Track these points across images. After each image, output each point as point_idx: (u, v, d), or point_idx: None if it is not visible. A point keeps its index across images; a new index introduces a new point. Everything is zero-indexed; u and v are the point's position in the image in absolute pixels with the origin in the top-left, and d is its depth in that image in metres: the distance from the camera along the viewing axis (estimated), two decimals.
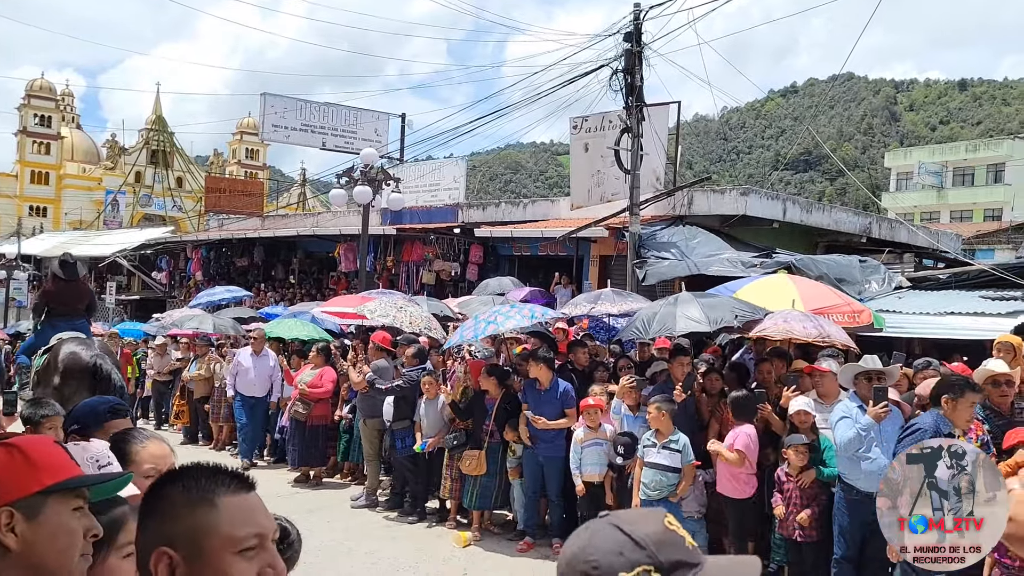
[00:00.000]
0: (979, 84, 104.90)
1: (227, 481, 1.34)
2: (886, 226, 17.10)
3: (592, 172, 14.35)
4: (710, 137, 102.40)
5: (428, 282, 16.88)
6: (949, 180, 47.77)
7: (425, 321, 8.54)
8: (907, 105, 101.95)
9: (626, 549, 1.13)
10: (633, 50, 11.99)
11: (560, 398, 7.25)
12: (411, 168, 21.20)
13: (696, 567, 1.14)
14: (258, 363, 10.64)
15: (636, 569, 1.11)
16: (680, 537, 1.17)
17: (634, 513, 1.20)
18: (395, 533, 7.72)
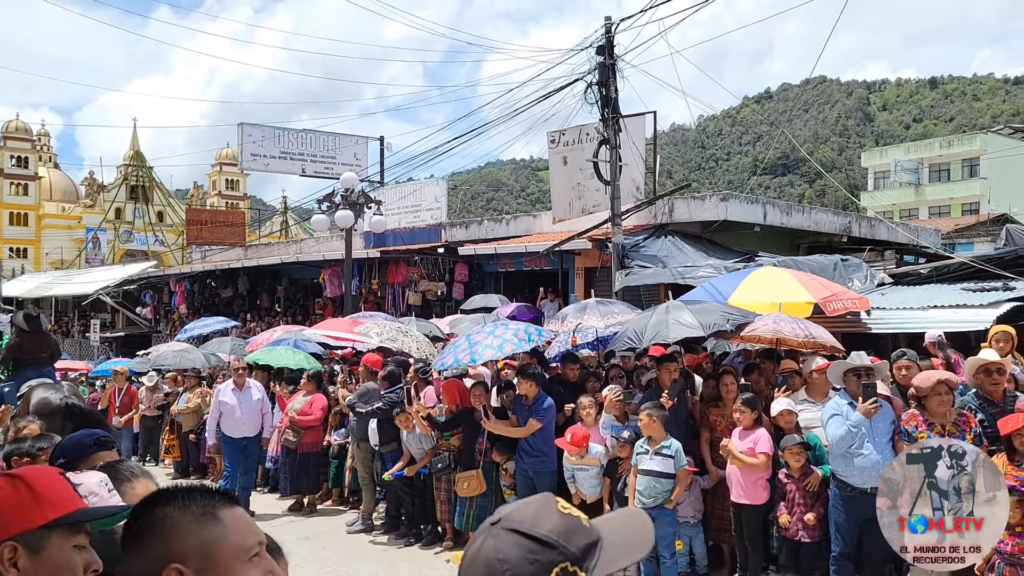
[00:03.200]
0: (949, 81, 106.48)
1: (219, 497, 1.39)
2: (866, 225, 17.29)
3: (572, 185, 14.43)
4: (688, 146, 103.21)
5: (414, 303, 16.88)
6: (925, 176, 48.36)
7: (427, 347, 8.52)
8: (880, 105, 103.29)
9: (536, 553, 1.10)
10: (606, 63, 12.11)
11: (539, 411, 7.20)
12: (392, 190, 21.23)
13: (599, 542, 1.14)
14: (243, 399, 9.41)
15: (554, 570, 1.09)
16: (576, 518, 1.16)
17: (526, 510, 1.16)
18: (392, 557, 7.65)
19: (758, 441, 6.17)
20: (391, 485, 8.28)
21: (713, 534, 6.73)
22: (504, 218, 18.08)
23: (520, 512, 1.14)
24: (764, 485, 6.15)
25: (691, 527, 6.57)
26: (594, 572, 1.11)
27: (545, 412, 7.19)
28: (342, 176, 14.98)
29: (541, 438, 7.16)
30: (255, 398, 9.51)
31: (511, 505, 1.19)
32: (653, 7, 11.19)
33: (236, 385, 9.48)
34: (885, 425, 5.58)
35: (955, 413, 5.21)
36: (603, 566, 1.12)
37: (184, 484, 1.43)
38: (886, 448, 5.50)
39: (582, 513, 1.19)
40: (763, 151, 73.80)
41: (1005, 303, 8.50)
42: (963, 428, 5.09)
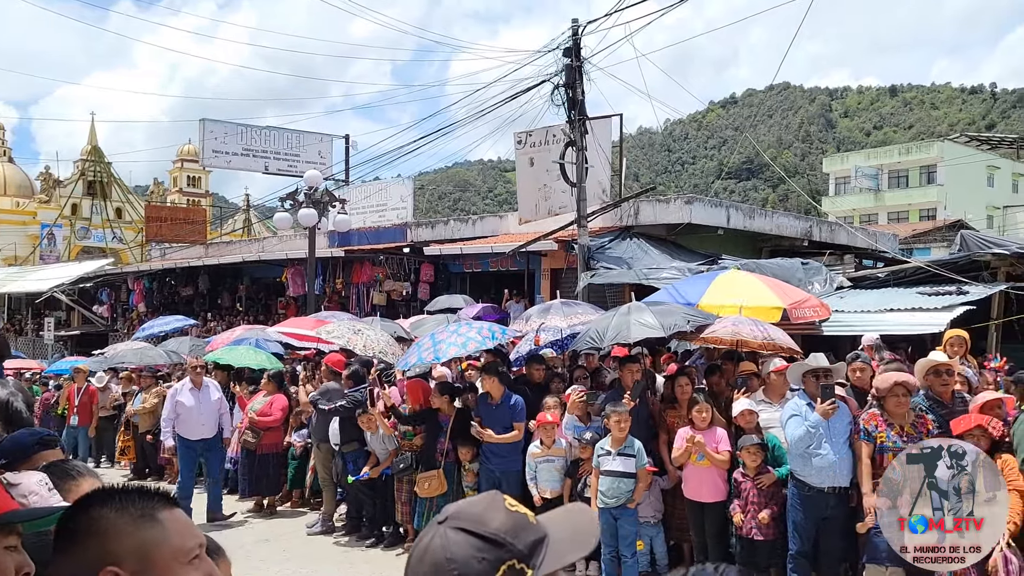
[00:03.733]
0: (909, 90, 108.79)
1: (158, 498, 1.37)
2: (826, 229, 17.56)
3: (539, 186, 14.44)
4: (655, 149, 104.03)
5: (379, 303, 16.75)
6: (885, 183, 49.36)
7: (382, 344, 8.43)
8: (842, 112, 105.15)
9: (484, 551, 1.10)
10: (573, 64, 12.14)
11: (509, 412, 7.23)
12: (357, 189, 21.07)
13: (546, 538, 1.14)
14: (201, 399, 9.02)
15: (502, 568, 1.09)
16: (523, 516, 1.16)
17: (473, 508, 1.16)
18: (353, 558, 7.58)
19: (720, 440, 6.23)
20: (352, 486, 8.20)
21: (673, 533, 6.79)
22: (470, 218, 18.04)
23: (467, 510, 1.14)
24: (722, 484, 6.22)
25: (652, 527, 6.62)
26: (541, 568, 1.12)
27: (521, 413, 7.21)
28: (306, 174, 14.81)
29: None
30: (213, 398, 9.16)
31: (458, 503, 1.19)
32: (619, 11, 11.25)
33: (193, 384, 9.08)
34: (842, 426, 5.66)
35: (913, 415, 5.28)
36: (550, 562, 1.13)
37: (122, 485, 1.39)
38: (843, 448, 5.59)
39: (528, 510, 1.19)
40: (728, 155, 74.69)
41: (959, 307, 8.71)
42: (920, 430, 5.17)
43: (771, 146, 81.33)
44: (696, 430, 6.29)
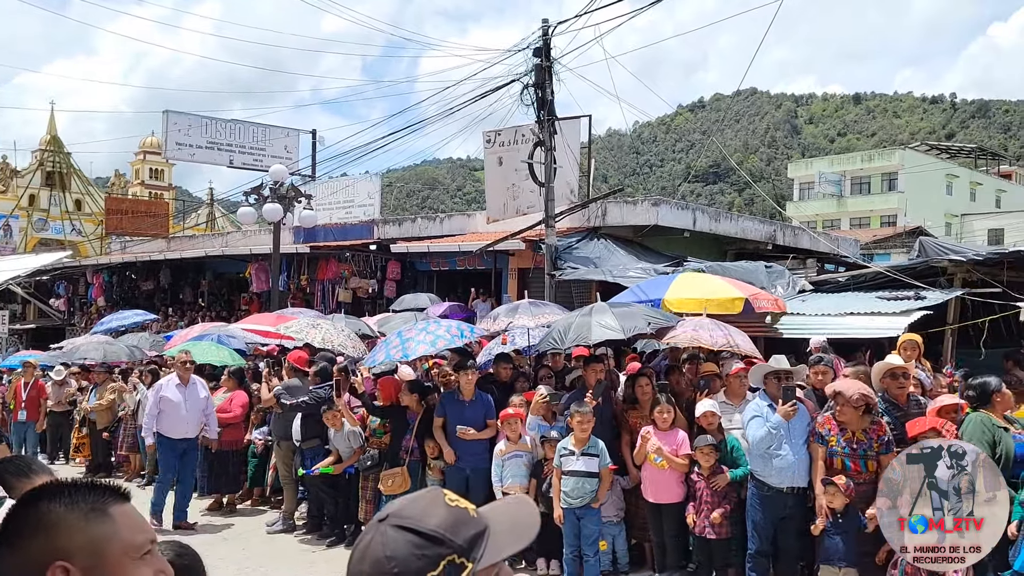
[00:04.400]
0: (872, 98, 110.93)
1: (108, 493, 1.35)
2: (790, 233, 17.80)
3: (507, 185, 14.43)
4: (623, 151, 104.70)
5: (345, 300, 16.61)
6: (848, 189, 50.26)
7: (341, 338, 8.35)
8: (807, 118, 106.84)
9: (423, 548, 1.11)
10: (543, 65, 12.15)
11: (483, 409, 7.24)
12: (324, 185, 20.87)
13: (486, 531, 1.16)
14: (189, 396, 8.57)
15: (441, 564, 1.11)
16: (464, 510, 1.17)
17: (414, 505, 1.17)
18: (313, 558, 7.50)
19: (682, 443, 6.28)
20: (314, 484, 8.13)
21: (635, 532, 6.84)
22: (438, 217, 17.97)
23: (408, 508, 1.15)
24: (680, 485, 6.27)
25: (613, 526, 6.65)
26: (481, 562, 1.13)
27: (492, 411, 7.23)
28: (271, 168, 14.64)
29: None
30: (201, 395, 8.70)
31: (399, 500, 1.20)
32: (589, 12, 11.28)
33: (181, 380, 8.62)
34: (802, 427, 5.75)
35: (868, 421, 5.34)
36: (489, 554, 1.14)
37: (71, 479, 1.37)
38: (801, 449, 5.68)
39: (470, 504, 1.20)
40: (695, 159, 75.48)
41: (916, 311, 8.89)
42: (871, 436, 5.26)
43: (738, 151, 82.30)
44: (658, 431, 6.34)
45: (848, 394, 5.31)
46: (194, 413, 8.58)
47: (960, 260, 10.36)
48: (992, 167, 54.75)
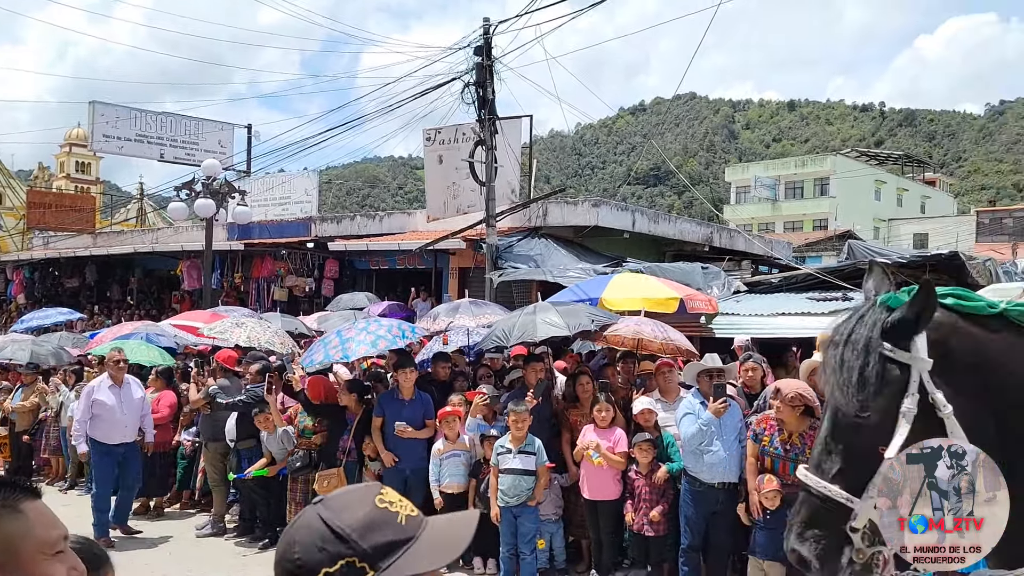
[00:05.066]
0: (806, 105, 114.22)
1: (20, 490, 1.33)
2: (726, 235, 18.18)
3: (447, 184, 14.36)
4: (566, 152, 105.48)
5: (280, 299, 16.29)
6: (782, 193, 51.65)
7: (267, 336, 8.16)
8: (744, 124, 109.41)
9: (327, 542, 1.10)
10: (484, 63, 12.12)
11: (423, 408, 7.20)
12: (259, 181, 20.42)
13: (409, 541, 1.13)
14: (124, 398, 7.92)
15: (339, 563, 1.09)
16: (392, 513, 1.14)
17: (344, 497, 1.16)
18: (246, 561, 7.32)
19: (618, 441, 6.33)
20: (245, 486, 7.94)
21: (573, 530, 6.87)
22: (378, 215, 17.78)
23: (335, 499, 1.15)
24: (616, 482, 6.32)
25: (552, 524, 6.68)
26: (387, 571, 1.10)
27: (432, 410, 7.21)
28: (204, 163, 14.25)
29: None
30: (136, 396, 8.09)
31: (337, 490, 1.20)
32: (529, 12, 11.30)
33: (114, 381, 7.97)
34: (733, 423, 5.85)
35: (807, 424, 5.34)
36: (402, 566, 1.11)
37: None
38: (733, 445, 5.78)
39: (412, 510, 1.16)
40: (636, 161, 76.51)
41: (844, 312, 9.15)
42: (806, 441, 5.22)
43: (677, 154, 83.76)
44: (597, 429, 6.38)
45: (784, 392, 5.38)
46: (131, 416, 7.96)
47: (885, 262, 10.70)
48: (918, 174, 57.01)
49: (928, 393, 2.02)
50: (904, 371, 2.04)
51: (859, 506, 2.06)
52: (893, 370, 2.05)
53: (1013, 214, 43.60)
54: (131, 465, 8.00)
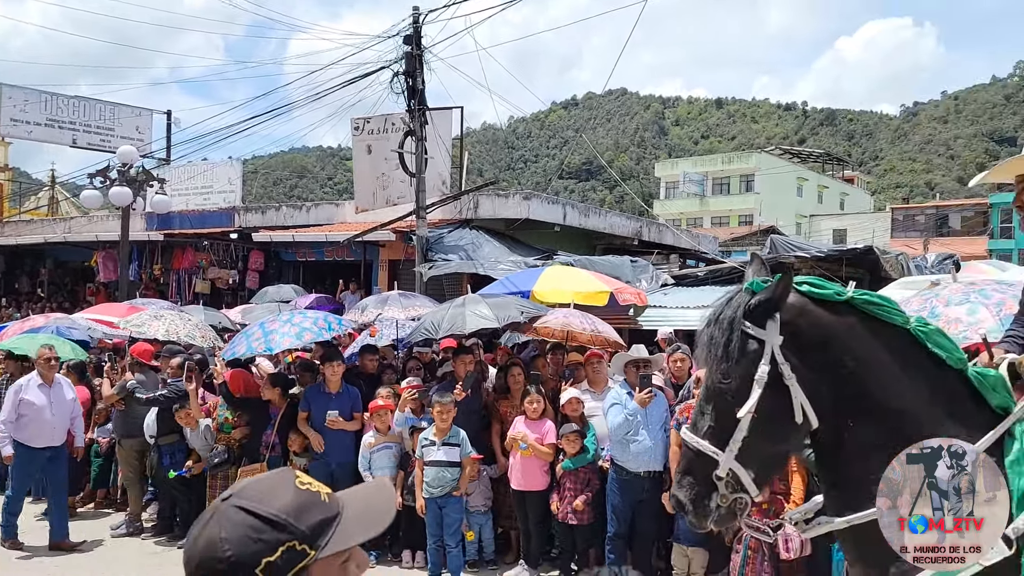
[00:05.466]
0: (733, 103, 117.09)
1: None
2: (655, 230, 18.48)
3: (377, 175, 14.17)
4: (498, 145, 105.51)
5: (202, 291, 15.81)
6: (710, 189, 52.90)
7: (187, 329, 7.89)
8: (673, 120, 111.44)
9: (262, 532, 1.08)
10: (413, 53, 11.98)
11: (350, 401, 7.10)
12: (180, 169, 19.75)
13: (336, 517, 1.14)
14: (54, 398, 7.37)
15: (280, 549, 1.08)
16: (315, 493, 1.15)
17: (260, 485, 1.13)
18: (163, 559, 7.08)
19: (547, 432, 6.35)
20: (165, 484, 7.69)
21: (502, 521, 6.89)
22: (304, 205, 17.41)
23: (252, 489, 1.12)
24: (545, 473, 6.35)
25: (481, 515, 6.69)
26: (326, 548, 1.11)
27: (359, 402, 7.12)
28: (120, 150, 13.66)
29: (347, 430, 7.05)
30: (67, 397, 7.54)
31: (245, 481, 1.15)
32: (458, 3, 11.21)
33: (44, 380, 7.38)
34: (659, 413, 5.94)
35: None
36: (337, 541, 1.12)
37: None
38: (659, 435, 5.87)
39: (324, 487, 1.17)
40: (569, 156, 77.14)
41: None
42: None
43: (609, 149, 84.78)
44: (527, 420, 6.40)
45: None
46: (61, 417, 7.41)
47: (805, 256, 11.07)
48: (837, 172, 59.16)
49: (778, 364, 2.37)
50: (760, 345, 2.39)
51: (723, 458, 2.41)
52: (751, 344, 2.40)
53: (925, 211, 45.73)
54: (58, 470, 7.44)
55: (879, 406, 2.38)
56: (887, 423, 2.37)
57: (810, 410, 2.39)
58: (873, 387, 2.39)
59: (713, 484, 2.44)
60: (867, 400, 2.39)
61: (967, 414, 2.37)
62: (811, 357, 2.41)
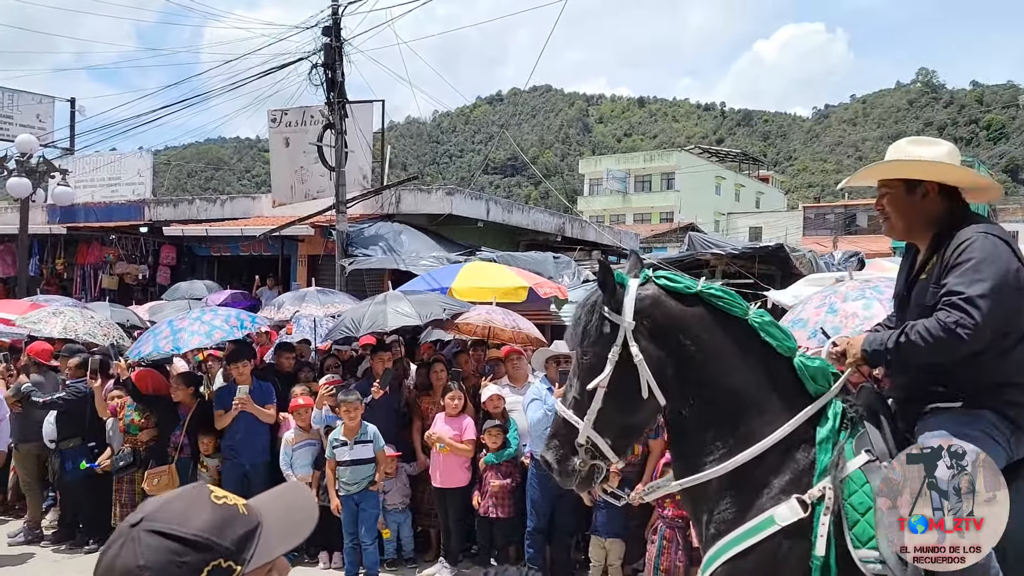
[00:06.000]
0: (655, 102, 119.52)
1: None
2: (578, 226, 18.69)
3: (295, 168, 13.85)
4: (423, 140, 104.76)
5: (110, 287, 15.15)
6: (632, 186, 53.84)
7: (88, 326, 7.54)
8: (597, 118, 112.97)
9: (184, 555, 1.03)
10: (332, 44, 11.74)
11: (262, 397, 6.91)
12: (85, 160, 18.79)
13: (257, 528, 1.11)
14: None
15: (205, 570, 1.03)
16: (233, 507, 1.11)
17: (174, 506, 1.07)
18: (64, 567, 6.76)
19: (466, 428, 6.34)
20: (67, 489, 7.34)
21: (421, 519, 6.84)
22: (219, 198, 16.88)
23: (166, 510, 1.06)
24: (465, 469, 6.33)
25: (399, 513, 6.63)
26: (251, 563, 1.07)
27: (271, 396, 6.94)
28: (18, 138, 12.92)
29: (260, 428, 6.85)
30: None
31: (156, 501, 1.09)
32: None
33: None
34: None
35: None
36: (261, 554, 1.09)
37: None
38: None
39: (240, 499, 1.13)
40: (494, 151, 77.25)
41: None
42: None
43: (534, 145, 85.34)
44: (447, 416, 6.36)
45: None
46: None
47: (720, 253, 11.40)
48: (753, 171, 61.08)
49: (629, 345, 2.68)
50: (614, 328, 2.72)
51: (582, 426, 2.74)
52: (607, 327, 2.73)
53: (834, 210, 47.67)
54: None
55: (716, 387, 2.69)
56: (721, 403, 2.69)
57: (656, 388, 2.70)
58: (712, 371, 2.69)
59: (574, 449, 2.76)
60: (706, 382, 2.69)
61: (790, 398, 2.67)
62: (659, 341, 2.72)
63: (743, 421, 2.65)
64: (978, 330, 2.40)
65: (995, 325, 2.44)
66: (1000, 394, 2.53)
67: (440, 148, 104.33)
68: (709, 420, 2.70)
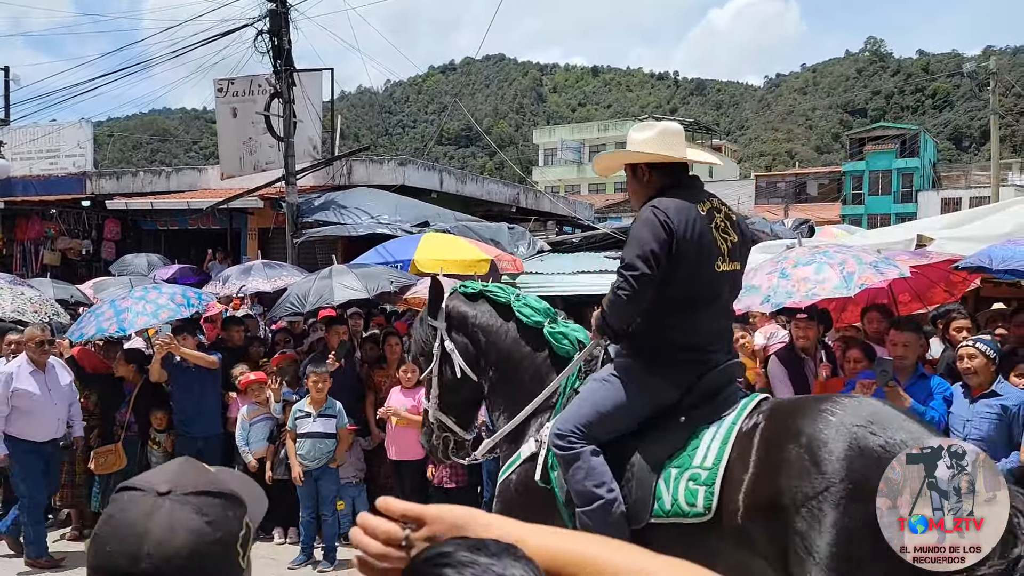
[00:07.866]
0: (609, 71, 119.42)
1: None
2: (532, 197, 18.65)
3: (243, 139, 13.49)
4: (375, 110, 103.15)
5: (51, 263, 14.63)
6: (587, 156, 53.86)
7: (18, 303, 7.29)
8: (551, 87, 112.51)
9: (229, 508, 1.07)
10: (278, 11, 11.40)
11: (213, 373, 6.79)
12: (21, 131, 18.03)
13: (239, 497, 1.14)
14: (51, 384, 6.28)
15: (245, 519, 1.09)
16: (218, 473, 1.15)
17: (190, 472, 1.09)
18: None
19: (421, 400, 6.30)
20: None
21: (376, 493, 6.80)
22: (164, 170, 16.42)
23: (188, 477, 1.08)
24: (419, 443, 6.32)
25: (353, 487, 6.61)
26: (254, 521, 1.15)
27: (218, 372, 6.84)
28: None
29: (212, 401, 6.81)
30: (64, 382, 6.44)
31: (162, 474, 1.08)
32: None
33: (35, 365, 6.23)
34: None
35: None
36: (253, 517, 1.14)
37: None
38: None
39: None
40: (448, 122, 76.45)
41: None
42: None
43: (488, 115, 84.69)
44: (404, 389, 6.34)
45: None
46: (61, 407, 6.36)
47: None
48: (707, 140, 61.55)
49: (444, 341, 3.55)
50: (435, 330, 3.60)
51: (427, 406, 3.69)
52: (431, 329, 3.63)
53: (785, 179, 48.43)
54: (53, 469, 6.48)
55: (501, 360, 3.45)
56: (507, 372, 3.44)
57: (467, 369, 3.51)
58: (496, 348, 3.45)
59: (432, 428, 3.67)
60: (496, 357, 3.46)
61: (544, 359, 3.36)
62: (461, 333, 3.54)
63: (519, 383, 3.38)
64: (635, 291, 2.84)
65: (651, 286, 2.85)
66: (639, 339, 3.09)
67: (393, 119, 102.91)
68: (503, 386, 3.46)
